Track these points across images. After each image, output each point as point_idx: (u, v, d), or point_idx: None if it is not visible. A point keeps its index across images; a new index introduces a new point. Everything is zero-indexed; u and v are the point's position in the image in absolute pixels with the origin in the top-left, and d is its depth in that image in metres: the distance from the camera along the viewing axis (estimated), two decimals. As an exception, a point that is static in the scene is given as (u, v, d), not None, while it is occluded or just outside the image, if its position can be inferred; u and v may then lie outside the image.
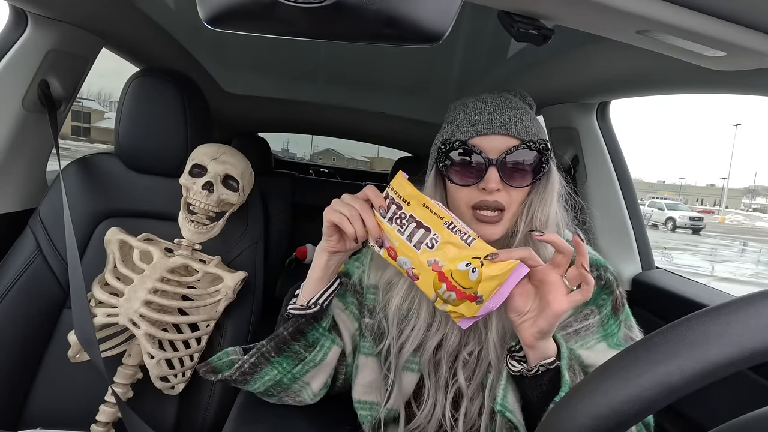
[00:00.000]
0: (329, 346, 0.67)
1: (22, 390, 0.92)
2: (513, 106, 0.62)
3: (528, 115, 0.63)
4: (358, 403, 0.70)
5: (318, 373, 0.68)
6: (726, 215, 36.06)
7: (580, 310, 0.65)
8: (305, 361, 0.66)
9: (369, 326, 0.70)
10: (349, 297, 0.74)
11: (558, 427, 0.31)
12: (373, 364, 0.70)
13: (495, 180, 0.59)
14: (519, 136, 0.60)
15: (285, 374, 0.66)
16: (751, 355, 0.26)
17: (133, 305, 0.85)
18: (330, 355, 0.67)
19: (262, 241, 1.08)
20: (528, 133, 0.61)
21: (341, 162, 10.82)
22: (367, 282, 0.73)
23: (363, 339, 0.71)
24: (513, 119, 0.61)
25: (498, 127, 0.60)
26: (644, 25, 0.43)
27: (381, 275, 0.70)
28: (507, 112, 0.61)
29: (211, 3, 0.34)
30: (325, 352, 0.67)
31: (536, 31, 0.46)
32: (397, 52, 1.20)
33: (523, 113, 0.62)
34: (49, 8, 0.92)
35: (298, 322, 0.64)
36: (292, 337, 0.64)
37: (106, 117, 31.97)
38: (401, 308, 0.66)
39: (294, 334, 0.64)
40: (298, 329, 0.64)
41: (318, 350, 0.66)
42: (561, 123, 1.26)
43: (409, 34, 0.34)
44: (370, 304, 0.71)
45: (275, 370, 0.66)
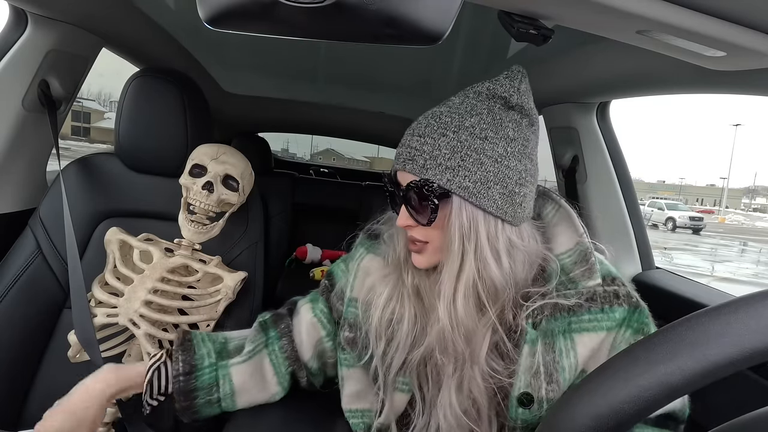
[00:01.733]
0: (226, 374, 0.68)
1: (22, 390, 0.92)
2: (428, 131, 0.54)
3: (442, 139, 0.53)
4: (349, 412, 0.69)
5: (242, 397, 0.69)
6: (726, 215, 36.06)
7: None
8: (212, 405, 0.68)
9: (349, 339, 0.68)
10: (321, 304, 0.74)
11: (558, 427, 0.31)
12: (359, 375, 0.68)
13: (402, 216, 0.57)
14: (415, 173, 0.54)
15: (216, 410, 0.69)
16: (751, 355, 0.26)
17: (133, 305, 0.85)
18: (237, 377, 0.68)
19: (262, 241, 1.08)
20: (427, 167, 0.53)
21: (341, 162, 10.81)
22: (349, 294, 0.70)
23: (343, 351, 0.69)
24: (413, 152, 0.55)
25: (401, 163, 0.56)
26: (644, 25, 0.43)
27: (364, 288, 0.68)
28: (413, 143, 0.55)
29: (211, 3, 0.34)
30: (229, 380, 0.68)
31: (536, 31, 0.46)
32: (397, 52, 1.20)
33: (437, 139, 0.53)
34: (49, 8, 0.92)
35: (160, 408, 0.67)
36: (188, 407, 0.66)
37: (106, 117, 31.98)
38: (382, 322, 0.63)
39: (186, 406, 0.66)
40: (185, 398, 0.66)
41: (222, 384, 0.68)
42: (561, 123, 1.26)
43: (409, 34, 0.34)
44: (350, 317, 0.68)
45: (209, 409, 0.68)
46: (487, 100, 0.56)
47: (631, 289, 0.58)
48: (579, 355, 0.56)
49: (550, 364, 0.55)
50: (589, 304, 0.56)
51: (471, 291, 0.55)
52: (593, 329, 0.56)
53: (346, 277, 0.72)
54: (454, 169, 0.53)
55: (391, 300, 0.63)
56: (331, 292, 0.74)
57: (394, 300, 0.63)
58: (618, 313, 0.56)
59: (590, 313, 0.56)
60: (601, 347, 0.56)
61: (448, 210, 0.55)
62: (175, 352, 0.68)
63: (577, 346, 0.56)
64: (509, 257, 0.56)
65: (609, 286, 0.57)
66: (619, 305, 0.56)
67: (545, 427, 0.32)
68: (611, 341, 0.56)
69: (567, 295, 0.57)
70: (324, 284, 0.76)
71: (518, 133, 0.55)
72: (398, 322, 0.62)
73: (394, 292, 0.63)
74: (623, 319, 0.56)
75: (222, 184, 0.94)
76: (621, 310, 0.56)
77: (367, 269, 0.69)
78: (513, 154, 0.54)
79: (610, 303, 0.56)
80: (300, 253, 2.02)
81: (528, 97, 0.58)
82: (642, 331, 0.56)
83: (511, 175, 0.54)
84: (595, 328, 0.55)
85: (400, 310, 0.62)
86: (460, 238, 0.54)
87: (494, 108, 0.55)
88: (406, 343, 0.61)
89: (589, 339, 0.56)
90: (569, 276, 0.58)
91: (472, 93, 0.58)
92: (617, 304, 0.56)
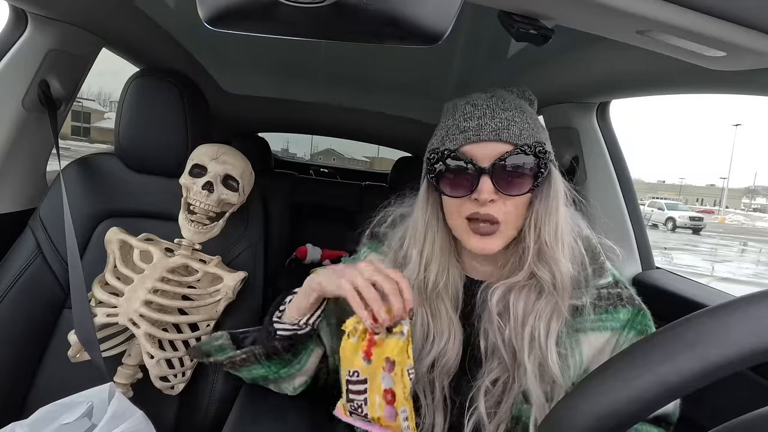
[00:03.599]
0: (312, 351, 0.68)
1: (23, 389, 0.92)
2: (506, 107, 0.57)
3: (523, 115, 0.57)
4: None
5: (300, 374, 0.69)
6: (726, 215, 36.05)
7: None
8: (291, 365, 0.66)
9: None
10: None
11: (559, 426, 0.31)
12: None
13: (488, 190, 0.55)
14: (512, 141, 0.55)
15: (271, 373, 0.67)
16: (751, 355, 0.26)
17: (133, 305, 0.85)
18: (311, 359, 0.68)
19: (262, 241, 1.08)
20: (523, 137, 0.55)
21: (341, 162, 10.81)
22: None
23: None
24: (505, 122, 0.56)
25: (488, 133, 0.55)
26: (644, 25, 0.43)
27: None
28: (498, 115, 0.56)
29: (211, 3, 0.34)
30: (308, 358, 0.68)
31: (536, 31, 0.46)
32: (397, 52, 1.20)
33: (517, 114, 0.57)
34: (49, 8, 0.92)
35: (290, 339, 0.64)
36: (283, 349, 0.65)
37: (106, 117, 31.95)
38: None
39: (286, 347, 0.65)
40: (290, 344, 0.65)
41: (303, 356, 0.67)
42: (561, 123, 1.26)
43: (409, 34, 0.34)
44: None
45: (263, 369, 0.67)
46: (518, 99, 0.62)
47: (633, 292, 0.59)
48: (584, 354, 0.56)
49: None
50: (595, 304, 0.57)
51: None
52: (598, 329, 0.56)
53: None
54: (543, 143, 0.57)
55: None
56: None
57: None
58: (622, 314, 0.56)
59: (595, 313, 0.57)
60: (605, 347, 0.56)
61: (551, 178, 0.59)
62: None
63: (582, 346, 0.56)
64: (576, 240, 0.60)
65: (613, 288, 0.58)
66: (623, 306, 0.57)
67: (546, 427, 0.32)
68: (614, 342, 0.56)
69: (579, 295, 0.57)
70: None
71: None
72: (437, 339, 0.61)
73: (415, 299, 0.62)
74: (627, 320, 0.56)
75: (222, 184, 0.94)
76: (625, 311, 0.56)
77: None
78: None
79: (614, 304, 0.57)
80: (300, 253, 2.03)
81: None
82: (645, 333, 0.56)
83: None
84: (600, 328, 0.56)
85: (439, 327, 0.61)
86: (564, 199, 0.59)
87: (527, 105, 0.62)
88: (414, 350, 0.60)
89: (595, 339, 0.56)
90: (581, 275, 0.59)
91: (505, 91, 0.62)
92: (621, 305, 0.57)
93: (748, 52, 0.44)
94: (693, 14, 0.40)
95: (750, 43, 0.42)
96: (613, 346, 0.56)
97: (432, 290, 0.62)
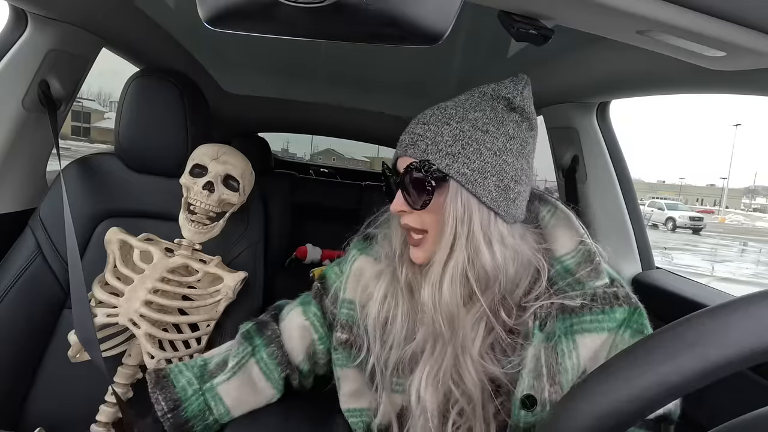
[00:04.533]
0: (214, 395, 0.68)
1: (23, 389, 0.92)
2: (431, 120, 0.57)
3: (446, 127, 0.55)
4: (348, 412, 0.69)
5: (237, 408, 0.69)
6: (726, 215, 36.05)
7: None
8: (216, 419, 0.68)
9: (342, 340, 0.69)
10: (314, 308, 0.74)
11: (559, 426, 0.31)
12: (354, 374, 0.69)
13: (397, 203, 0.58)
14: (415, 157, 0.56)
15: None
16: (751, 355, 0.26)
17: (133, 305, 0.85)
18: (226, 395, 0.68)
19: (262, 241, 1.08)
20: (428, 151, 0.55)
21: (341, 162, 10.81)
22: (342, 296, 0.70)
23: (336, 352, 0.70)
24: (416, 137, 0.57)
25: (402, 148, 0.58)
26: (644, 25, 0.43)
27: (358, 289, 0.69)
28: (417, 130, 0.57)
29: (211, 3, 0.34)
30: (219, 399, 0.68)
31: (536, 31, 0.46)
32: (397, 52, 1.20)
33: (440, 126, 0.56)
34: (49, 8, 0.92)
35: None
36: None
37: (106, 117, 31.94)
38: (377, 322, 0.64)
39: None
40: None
41: (214, 406, 0.68)
42: (561, 123, 1.26)
43: (409, 34, 0.34)
44: (344, 318, 0.69)
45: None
46: (491, 100, 0.59)
47: (629, 290, 0.59)
48: (581, 356, 0.55)
49: (552, 366, 0.55)
50: (590, 305, 0.56)
51: (459, 276, 0.55)
52: (595, 330, 0.56)
53: (339, 280, 0.73)
54: (454, 155, 0.54)
55: (386, 299, 0.64)
56: (324, 296, 0.74)
57: (389, 297, 0.64)
58: (618, 313, 0.56)
59: (591, 314, 0.56)
60: (602, 348, 0.56)
61: (444, 194, 0.56)
62: (153, 394, 0.67)
63: (579, 347, 0.56)
64: (502, 252, 0.56)
65: (609, 287, 0.58)
66: (619, 305, 0.56)
67: (546, 427, 0.32)
68: (611, 342, 0.56)
69: (573, 296, 0.57)
70: (316, 287, 0.76)
71: (518, 132, 0.57)
72: (392, 320, 0.63)
73: (389, 290, 0.64)
74: (623, 319, 0.56)
75: (222, 184, 0.94)
76: (621, 310, 0.56)
77: (360, 270, 0.70)
78: (511, 150, 0.56)
79: (610, 304, 0.56)
80: (300, 253, 2.02)
81: (530, 102, 0.60)
82: (641, 332, 0.56)
83: (508, 170, 0.56)
84: (597, 329, 0.55)
85: (394, 309, 0.63)
86: (453, 222, 0.55)
87: (497, 107, 0.58)
88: (399, 340, 0.62)
89: (591, 340, 0.56)
90: (575, 277, 0.58)
91: (478, 92, 0.60)
92: (617, 304, 0.56)
93: (748, 52, 0.44)
94: (693, 14, 0.40)
95: (750, 43, 0.42)
96: (609, 346, 0.56)
97: (405, 283, 0.63)
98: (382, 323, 0.63)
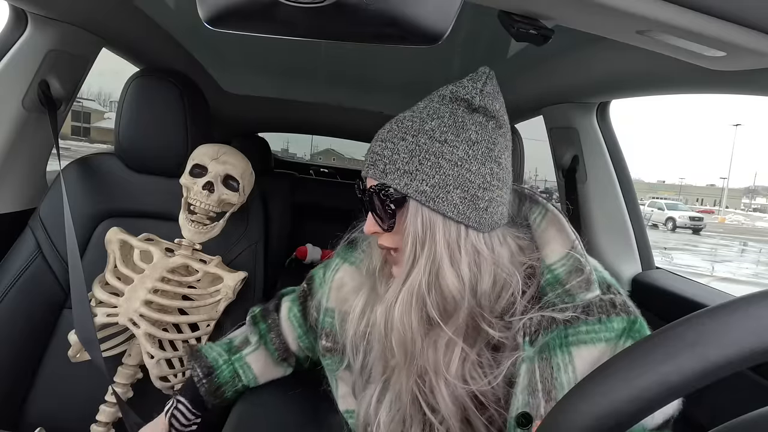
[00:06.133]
0: (243, 363, 0.77)
1: (22, 390, 0.92)
2: (390, 136, 0.53)
3: (401, 143, 0.52)
4: (346, 413, 0.69)
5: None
6: (726, 215, 36.04)
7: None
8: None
9: (327, 348, 0.69)
10: (295, 308, 0.78)
11: (558, 427, 0.31)
12: (346, 377, 0.69)
13: (368, 225, 0.56)
14: (375, 178, 0.53)
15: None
16: (751, 355, 0.26)
17: (133, 305, 0.85)
18: (255, 363, 0.78)
19: (262, 241, 1.09)
20: (387, 171, 0.52)
21: (341, 162, 10.81)
22: (326, 303, 0.70)
23: (324, 358, 0.70)
24: (375, 157, 0.54)
25: (365, 168, 0.55)
26: (644, 25, 0.43)
27: (338, 299, 0.69)
28: (375, 148, 0.54)
29: (211, 3, 0.34)
30: (248, 367, 0.78)
31: (536, 31, 0.45)
32: (396, 52, 1.20)
33: (396, 143, 0.52)
34: (49, 8, 0.92)
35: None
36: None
37: (106, 117, 31.91)
38: (357, 334, 0.62)
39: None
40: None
41: (243, 373, 0.76)
42: (561, 123, 1.26)
43: (408, 34, 0.34)
44: (327, 327, 0.69)
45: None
46: (450, 103, 0.54)
47: (626, 298, 0.55)
48: (577, 369, 0.51)
49: (548, 381, 0.51)
50: (585, 315, 0.52)
51: (414, 301, 0.53)
52: (591, 341, 0.52)
53: (322, 287, 0.73)
54: (412, 173, 0.51)
55: (365, 312, 0.62)
56: (308, 298, 0.76)
57: (368, 312, 0.61)
58: (617, 323, 0.52)
59: (587, 324, 0.52)
60: (599, 361, 0.51)
61: (404, 214, 0.53)
62: (189, 363, 0.75)
63: (575, 360, 0.51)
64: (474, 266, 0.53)
65: (605, 294, 0.54)
66: (616, 315, 0.52)
67: (545, 427, 0.32)
68: (610, 354, 0.50)
69: (562, 309, 0.53)
70: (303, 288, 0.77)
71: (482, 135, 0.53)
72: (370, 338, 0.60)
73: (368, 304, 0.62)
74: (623, 329, 0.52)
75: (222, 184, 0.94)
76: (619, 320, 0.52)
77: (341, 280, 0.70)
78: (475, 157, 0.52)
79: (607, 313, 0.52)
80: (300, 253, 2.02)
81: (494, 99, 0.55)
82: None
83: (473, 179, 0.52)
84: (593, 340, 0.52)
85: (372, 326, 0.60)
86: (412, 243, 0.52)
87: (457, 111, 0.53)
88: (377, 356, 0.60)
89: (588, 352, 0.51)
90: (565, 288, 0.54)
91: (437, 97, 0.56)
92: (614, 313, 0.52)
93: (748, 52, 0.44)
94: (693, 14, 0.40)
95: (750, 43, 0.42)
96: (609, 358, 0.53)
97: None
98: (360, 338, 0.62)
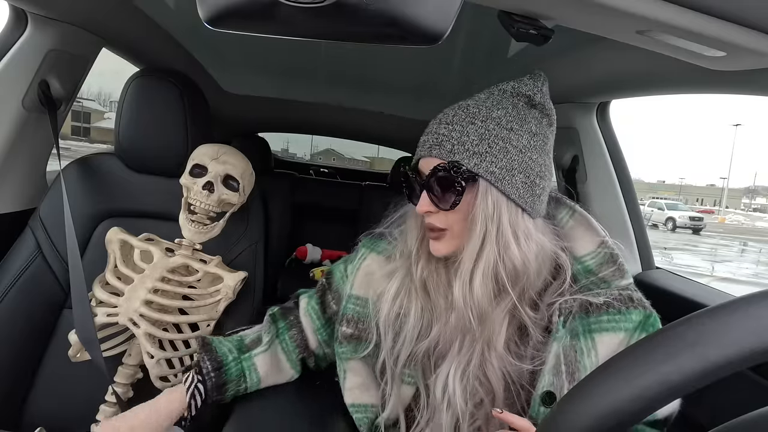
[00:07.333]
0: (251, 364, 0.74)
1: (23, 390, 0.92)
2: (456, 120, 0.57)
3: (471, 126, 0.55)
4: (352, 407, 0.70)
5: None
6: (726, 215, 36.03)
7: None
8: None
9: (347, 335, 0.70)
10: (314, 301, 0.78)
11: (559, 426, 0.31)
12: (359, 367, 0.70)
13: (424, 204, 0.58)
14: (441, 157, 0.56)
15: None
16: (751, 355, 0.26)
17: (134, 305, 0.85)
18: (261, 366, 0.74)
19: (262, 241, 1.09)
20: (455, 152, 0.55)
21: (341, 162, 10.82)
22: (349, 291, 0.72)
23: (340, 345, 0.71)
24: (441, 138, 0.57)
25: (426, 149, 0.58)
26: (644, 25, 0.43)
27: (368, 286, 0.70)
28: (440, 130, 0.57)
29: (211, 3, 0.34)
30: (255, 369, 0.74)
31: (536, 31, 0.45)
32: (397, 52, 1.20)
33: (465, 126, 0.56)
34: (49, 8, 0.92)
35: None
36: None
37: (106, 117, 31.91)
38: (390, 316, 0.65)
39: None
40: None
41: (249, 374, 0.73)
42: (561, 123, 1.25)
43: (409, 34, 0.34)
44: (350, 313, 0.71)
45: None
46: (511, 97, 0.59)
47: (641, 295, 0.60)
48: (599, 354, 0.56)
49: (572, 363, 0.56)
50: (608, 306, 0.57)
51: (490, 273, 0.56)
52: (612, 330, 0.57)
53: (344, 278, 0.75)
54: (482, 155, 0.55)
55: (399, 294, 0.65)
56: (327, 291, 0.77)
57: (402, 294, 0.65)
58: (635, 315, 0.57)
59: (608, 314, 0.57)
60: (619, 347, 0.56)
61: (473, 194, 0.56)
62: (199, 354, 0.73)
63: (597, 346, 0.56)
64: (526, 246, 0.57)
65: (624, 290, 0.59)
66: (634, 308, 0.57)
67: (546, 426, 0.32)
68: (627, 343, 0.56)
69: (597, 294, 0.58)
70: (322, 283, 0.79)
71: (540, 129, 0.58)
72: (405, 316, 0.64)
73: (402, 286, 0.65)
74: (639, 322, 0.57)
75: (222, 184, 0.94)
76: (637, 312, 0.57)
77: (369, 268, 0.71)
78: (535, 147, 0.57)
79: (626, 305, 0.57)
80: (300, 253, 2.02)
81: (549, 99, 0.61)
82: None
83: (533, 167, 0.56)
84: (614, 328, 0.56)
85: (407, 305, 0.64)
86: (483, 220, 0.55)
87: (518, 104, 0.58)
88: (412, 336, 0.63)
89: (609, 339, 0.56)
90: (599, 276, 0.59)
91: (497, 90, 0.60)
92: (632, 306, 0.57)
93: (748, 52, 0.44)
94: (693, 14, 0.40)
95: (750, 43, 0.42)
96: (626, 347, 0.56)
97: (420, 281, 0.64)
98: (393, 320, 0.65)
